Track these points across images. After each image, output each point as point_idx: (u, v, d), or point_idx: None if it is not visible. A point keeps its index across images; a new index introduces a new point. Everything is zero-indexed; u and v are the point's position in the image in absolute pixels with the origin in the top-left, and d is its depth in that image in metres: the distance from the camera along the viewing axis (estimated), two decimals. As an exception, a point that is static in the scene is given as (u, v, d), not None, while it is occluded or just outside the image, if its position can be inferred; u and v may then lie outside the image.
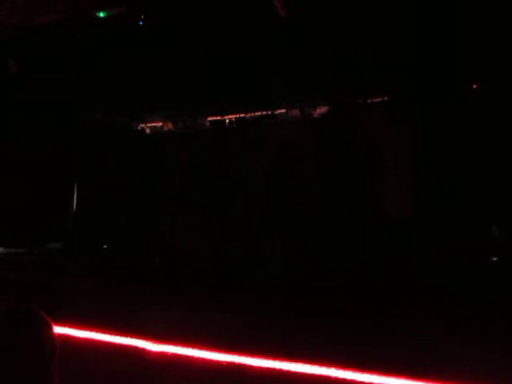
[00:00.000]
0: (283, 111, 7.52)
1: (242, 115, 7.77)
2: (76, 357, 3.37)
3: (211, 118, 8.08)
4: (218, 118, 8.02)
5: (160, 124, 8.65)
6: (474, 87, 6.01)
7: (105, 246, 7.57)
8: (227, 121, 7.93)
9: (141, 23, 6.22)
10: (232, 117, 7.88)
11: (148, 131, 8.82)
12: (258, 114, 7.65)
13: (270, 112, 7.57)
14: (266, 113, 7.59)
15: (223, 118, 7.97)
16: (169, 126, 8.53)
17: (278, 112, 7.54)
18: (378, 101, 6.65)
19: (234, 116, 7.86)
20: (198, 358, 3.58)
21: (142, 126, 8.83)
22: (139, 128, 8.85)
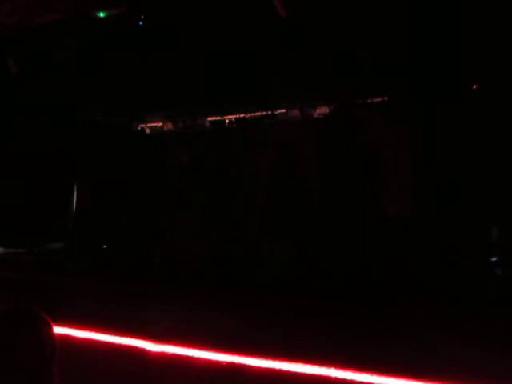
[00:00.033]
0: (283, 111, 7.51)
1: (242, 115, 7.76)
2: (76, 357, 3.37)
3: (211, 118, 8.08)
4: (218, 118, 8.01)
5: (160, 124, 8.65)
6: (473, 87, 6.01)
7: (105, 246, 7.57)
8: (227, 121, 7.93)
9: (141, 23, 6.23)
10: (232, 117, 7.88)
11: (148, 131, 8.82)
12: (258, 114, 7.65)
13: (269, 112, 7.56)
14: (266, 113, 7.59)
15: (223, 118, 7.97)
16: (169, 126, 8.53)
17: (278, 112, 7.54)
18: (378, 101, 6.65)
19: (234, 116, 7.85)
20: (198, 358, 3.59)
21: (142, 126, 8.83)
22: (139, 128, 8.85)
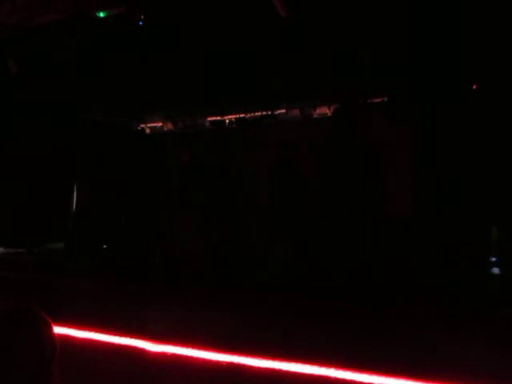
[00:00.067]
0: (283, 111, 7.52)
1: (242, 115, 7.76)
2: (76, 357, 3.37)
3: (211, 118, 8.08)
4: (218, 118, 8.01)
5: (160, 124, 8.65)
6: (473, 87, 6.01)
7: (105, 246, 7.56)
8: (227, 121, 7.93)
9: (141, 23, 6.23)
10: (232, 117, 7.88)
11: (148, 131, 8.82)
12: (258, 114, 7.65)
13: (269, 112, 7.57)
14: (266, 113, 7.59)
15: (223, 118, 7.97)
16: (169, 126, 8.53)
17: (278, 112, 7.54)
18: (378, 101, 6.65)
19: (234, 116, 7.86)
20: (198, 358, 3.59)
21: (142, 126, 8.83)
22: (139, 128, 8.85)
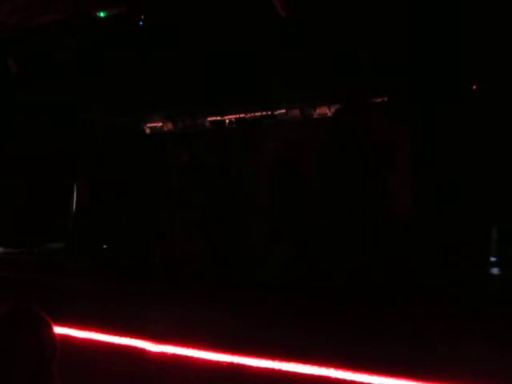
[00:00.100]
0: (283, 111, 7.51)
1: (242, 115, 7.76)
2: (76, 357, 3.37)
3: (211, 118, 8.08)
4: (218, 118, 8.01)
5: (160, 124, 8.65)
6: (473, 88, 6.01)
7: (105, 246, 7.56)
8: (227, 121, 7.93)
9: (141, 23, 6.23)
10: (232, 117, 7.87)
11: (148, 131, 8.82)
12: (258, 114, 7.65)
13: (269, 112, 7.56)
14: (266, 113, 7.59)
15: (223, 118, 7.97)
16: (169, 126, 8.53)
17: (278, 112, 7.54)
18: (378, 101, 6.64)
19: (234, 116, 7.85)
20: (198, 359, 3.59)
21: (142, 126, 8.82)
22: (140, 128, 8.84)
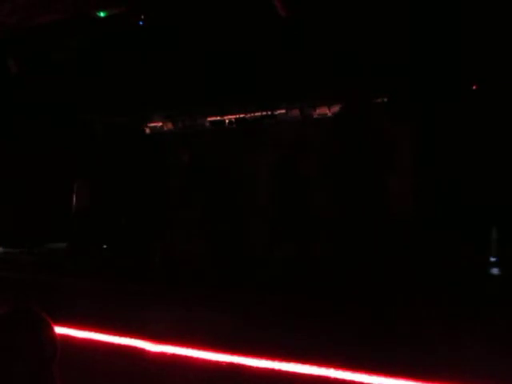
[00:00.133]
0: (283, 111, 7.51)
1: (242, 115, 7.76)
2: (76, 357, 3.37)
3: (211, 118, 8.08)
4: (218, 118, 8.01)
5: (160, 124, 8.65)
6: (473, 88, 6.01)
7: (105, 246, 7.56)
8: (227, 121, 7.93)
9: (141, 23, 6.23)
10: (232, 117, 7.88)
11: (148, 131, 8.82)
12: (258, 114, 7.65)
13: (269, 112, 7.56)
14: (266, 113, 7.59)
15: (223, 118, 7.97)
16: (169, 126, 8.53)
17: (277, 112, 7.54)
18: (378, 101, 6.64)
19: (234, 116, 7.86)
20: (198, 359, 3.58)
21: (142, 126, 8.83)
22: (141, 128, 8.85)
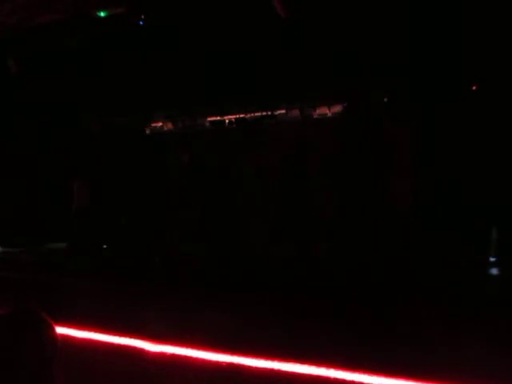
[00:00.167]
0: (283, 111, 7.51)
1: (242, 115, 7.76)
2: (76, 357, 3.37)
3: (211, 118, 8.07)
4: (218, 118, 8.01)
5: (160, 124, 8.64)
6: (473, 88, 6.01)
7: (105, 246, 7.56)
8: (227, 121, 7.92)
9: (141, 23, 6.23)
10: (232, 117, 7.87)
11: (148, 131, 8.81)
12: (258, 114, 7.64)
13: (269, 112, 7.56)
14: (266, 113, 7.58)
15: (223, 118, 7.96)
16: (169, 126, 8.53)
17: (277, 112, 7.54)
18: (378, 101, 6.64)
19: (234, 116, 7.85)
20: (197, 359, 3.58)
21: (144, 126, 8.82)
22: (142, 128, 8.84)
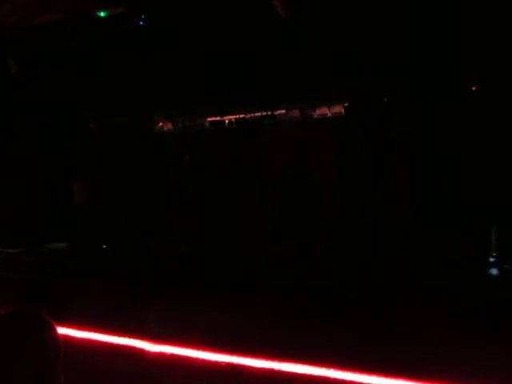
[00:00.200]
0: (283, 112, 7.51)
1: (242, 115, 7.76)
2: (76, 357, 3.36)
3: (211, 119, 8.07)
4: (218, 118, 8.00)
5: (160, 124, 8.64)
6: (473, 88, 6.01)
7: (105, 246, 7.57)
8: (227, 121, 7.92)
9: (141, 23, 6.23)
10: (232, 117, 7.87)
11: (150, 131, 8.80)
12: (258, 115, 7.64)
13: (269, 112, 7.55)
14: (266, 113, 7.58)
15: (223, 119, 7.96)
16: (169, 126, 8.53)
17: (277, 112, 7.53)
18: (378, 101, 6.64)
19: (234, 116, 7.85)
20: (197, 359, 3.58)
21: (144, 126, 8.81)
22: (143, 128, 8.83)
